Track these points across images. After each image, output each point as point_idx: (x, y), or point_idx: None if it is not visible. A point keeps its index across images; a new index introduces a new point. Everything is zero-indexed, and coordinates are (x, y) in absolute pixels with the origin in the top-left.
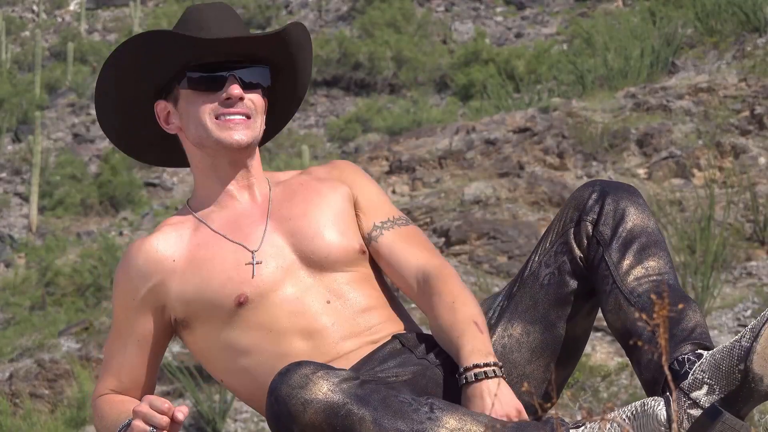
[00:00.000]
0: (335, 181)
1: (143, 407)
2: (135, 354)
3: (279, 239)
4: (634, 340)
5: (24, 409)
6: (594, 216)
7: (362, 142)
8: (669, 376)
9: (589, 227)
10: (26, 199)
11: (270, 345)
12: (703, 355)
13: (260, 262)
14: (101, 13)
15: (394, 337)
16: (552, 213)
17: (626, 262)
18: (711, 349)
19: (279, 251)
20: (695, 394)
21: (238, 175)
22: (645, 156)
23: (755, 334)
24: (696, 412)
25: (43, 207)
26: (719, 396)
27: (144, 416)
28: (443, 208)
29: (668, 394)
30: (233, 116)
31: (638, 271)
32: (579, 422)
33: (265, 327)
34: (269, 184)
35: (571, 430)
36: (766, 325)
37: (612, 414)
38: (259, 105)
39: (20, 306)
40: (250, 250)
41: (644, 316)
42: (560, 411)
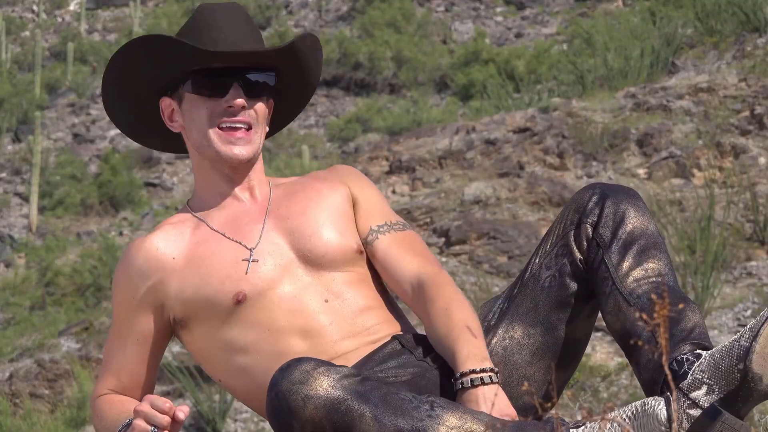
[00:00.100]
0: (335, 182)
1: (145, 407)
2: (134, 353)
3: (277, 237)
4: (634, 341)
5: (24, 409)
6: (594, 218)
7: (362, 142)
8: (669, 376)
9: (589, 230)
10: (26, 199)
11: (268, 344)
12: (702, 355)
13: (257, 260)
14: (101, 13)
15: (394, 338)
16: (552, 213)
17: (626, 264)
18: (710, 349)
19: (277, 249)
20: (694, 394)
21: (239, 178)
22: (645, 156)
23: (754, 334)
24: (695, 412)
25: (43, 207)
26: (718, 396)
27: (145, 416)
28: (443, 208)
29: (668, 394)
30: (235, 126)
31: (638, 273)
32: (579, 422)
33: (264, 325)
34: (270, 186)
35: (572, 430)
36: (765, 325)
37: (612, 414)
38: (262, 113)
39: (20, 306)
40: (248, 248)
41: (644, 317)
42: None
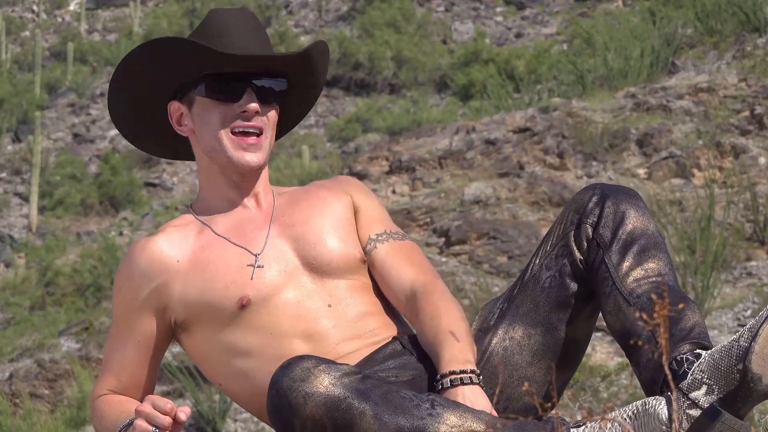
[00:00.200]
0: (338, 191)
1: (146, 407)
2: (135, 354)
3: (282, 244)
4: (634, 341)
5: (24, 409)
6: (594, 219)
7: (362, 142)
8: (669, 376)
9: (589, 230)
10: (26, 199)
11: (270, 348)
12: (702, 355)
13: (262, 266)
14: (101, 13)
15: (395, 339)
16: (552, 213)
17: (626, 264)
18: (709, 349)
19: (282, 255)
20: (694, 395)
21: (246, 184)
22: (645, 156)
23: (753, 334)
24: (695, 413)
25: (43, 207)
26: (718, 396)
27: (147, 416)
28: (443, 208)
29: (669, 394)
30: (248, 131)
31: (638, 273)
32: (579, 422)
33: (266, 330)
34: (273, 194)
35: (572, 430)
36: (764, 325)
37: (613, 413)
38: (272, 119)
39: (20, 306)
40: (254, 254)
41: (644, 316)
42: (560, 411)
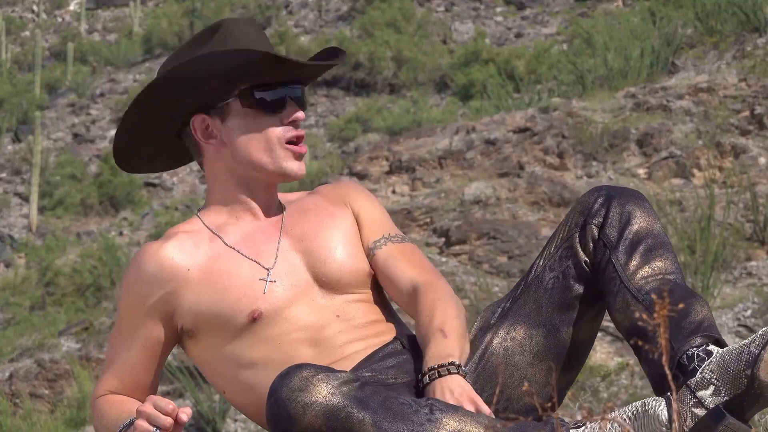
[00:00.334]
0: (341, 204)
1: (147, 407)
2: (138, 357)
3: (293, 258)
4: (635, 340)
5: (24, 409)
6: (600, 219)
7: (362, 142)
8: (670, 376)
9: (595, 231)
10: (26, 199)
11: (277, 356)
12: (713, 353)
13: (275, 281)
14: (101, 13)
15: (396, 339)
16: (552, 213)
17: (633, 263)
18: (720, 342)
19: (293, 270)
20: (701, 393)
21: (264, 195)
22: (645, 156)
23: (765, 342)
24: (700, 412)
25: (43, 207)
26: (725, 398)
27: (148, 416)
28: (443, 208)
29: (669, 395)
30: (300, 142)
31: (645, 271)
32: (579, 422)
33: (275, 341)
34: (282, 204)
35: (572, 430)
36: None
37: (613, 414)
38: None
39: (20, 306)
40: (265, 267)
41: (644, 316)
42: (560, 411)
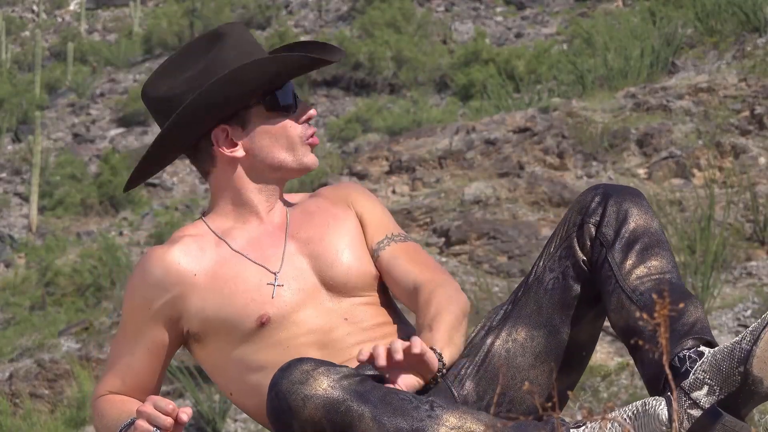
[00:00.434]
0: (344, 206)
1: (147, 407)
2: (142, 359)
3: (300, 262)
4: (636, 339)
5: (24, 409)
6: (597, 218)
7: (362, 142)
8: (670, 376)
9: (593, 229)
10: (26, 199)
11: (285, 359)
12: (704, 354)
13: (282, 285)
14: (101, 13)
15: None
16: (552, 213)
17: (629, 262)
18: (712, 343)
19: (300, 274)
20: (695, 394)
21: (273, 196)
22: (645, 156)
23: (755, 338)
24: (696, 413)
25: (43, 207)
26: (719, 397)
27: (148, 416)
28: (443, 208)
29: (669, 394)
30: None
31: (641, 271)
32: (579, 422)
33: (283, 344)
34: (286, 206)
35: (572, 430)
36: (767, 329)
37: (613, 413)
38: None
39: (20, 306)
40: (272, 272)
41: (645, 316)
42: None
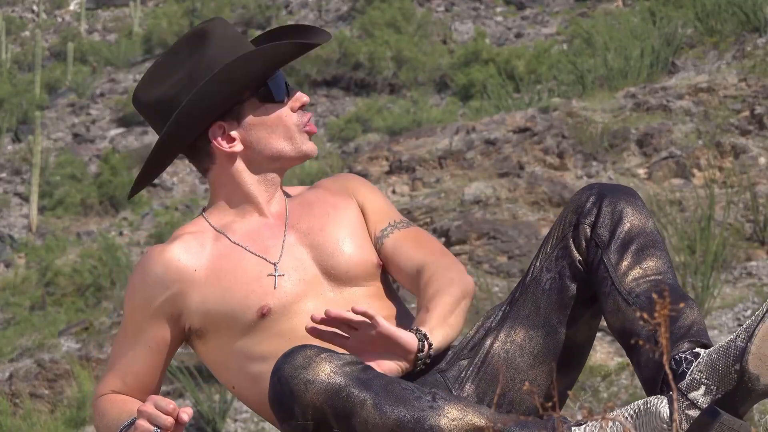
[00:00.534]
0: (344, 195)
1: (148, 407)
2: (143, 358)
3: (300, 252)
4: (634, 340)
5: (24, 409)
6: (592, 219)
7: (362, 142)
8: (670, 376)
9: (588, 230)
10: (26, 199)
11: (286, 350)
12: (700, 355)
13: (283, 275)
14: (101, 13)
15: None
16: (552, 213)
17: (624, 263)
18: (707, 346)
19: (300, 264)
20: (693, 395)
21: (273, 186)
22: (645, 156)
23: (749, 334)
24: (694, 413)
25: (43, 207)
26: (717, 396)
27: (149, 416)
28: (443, 208)
29: (670, 393)
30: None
31: (636, 272)
32: (580, 421)
33: (284, 336)
34: (284, 197)
35: (573, 428)
36: (761, 325)
37: (614, 412)
38: None
39: (20, 306)
40: (272, 263)
41: (645, 316)
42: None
